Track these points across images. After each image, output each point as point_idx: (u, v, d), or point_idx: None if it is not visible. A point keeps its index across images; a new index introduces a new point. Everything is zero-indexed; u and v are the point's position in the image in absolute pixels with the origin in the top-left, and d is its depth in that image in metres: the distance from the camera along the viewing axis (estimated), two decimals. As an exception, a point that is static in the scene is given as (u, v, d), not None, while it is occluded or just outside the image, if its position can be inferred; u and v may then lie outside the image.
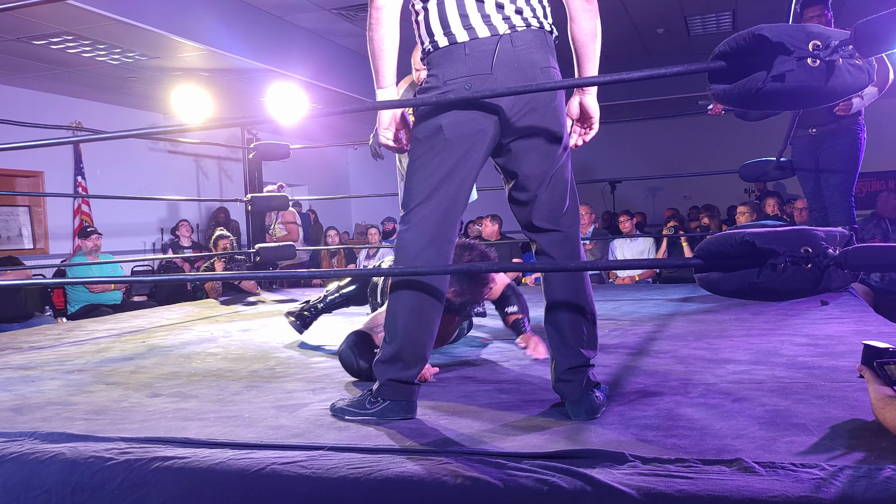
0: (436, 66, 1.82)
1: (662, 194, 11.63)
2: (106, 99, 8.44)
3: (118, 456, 1.53)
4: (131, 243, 8.85)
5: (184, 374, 2.58)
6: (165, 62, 7.00)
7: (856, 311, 3.28)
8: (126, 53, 6.67)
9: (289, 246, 5.42)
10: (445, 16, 1.80)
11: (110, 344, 3.42)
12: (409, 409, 1.82)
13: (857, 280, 4.23)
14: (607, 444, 1.51)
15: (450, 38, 1.79)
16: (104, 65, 7.00)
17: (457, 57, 1.78)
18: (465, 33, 1.78)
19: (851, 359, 2.24)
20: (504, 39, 1.77)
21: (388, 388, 1.81)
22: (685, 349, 2.62)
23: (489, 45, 1.77)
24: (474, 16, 1.78)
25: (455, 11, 1.79)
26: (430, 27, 1.82)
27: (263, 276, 5.77)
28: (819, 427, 1.57)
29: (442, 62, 1.81)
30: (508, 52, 1.77)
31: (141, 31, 5.93)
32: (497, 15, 1.78)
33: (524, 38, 1.79)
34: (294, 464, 1.43)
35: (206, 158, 10.04)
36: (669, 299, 4.22)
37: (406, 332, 1.80)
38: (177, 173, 9.50)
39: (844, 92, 1.46)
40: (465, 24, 1.78)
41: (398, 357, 1.81)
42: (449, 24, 1.79)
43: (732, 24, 7.97)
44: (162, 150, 9.22)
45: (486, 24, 1.78)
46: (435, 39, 1.81)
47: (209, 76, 7.47)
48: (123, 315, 4.77)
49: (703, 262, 1.53)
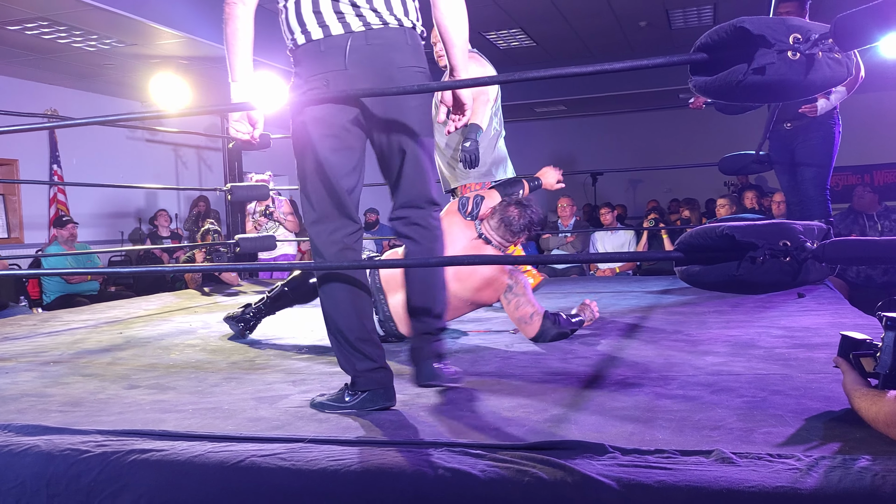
0: (298, 64, 1.88)
1: (643, 187, 11.69)
2: (82, 86, 8.31)
3: (94, 448, 1.51)
4: (108, 233, 8.75)
5: (162, 366, 2.56)
6: (143, 49, 6.90)
7: (831, 304, 3.33)
8: (103, 40, 6.57)
9: (269, 237, 5.39)
10: (301, 14, 1.84)
11: (87, 335, 3.38)
12: (388, 397, 1.83)
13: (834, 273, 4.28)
14: (587, 435, 1.51)
15: (306, 35, 1.84)
16: (80, 51, 6.88)
17: (314, 54, 1.83)
18: (319, 30, 1.82)
19: (827, 350, 2.27)
20: (357, 37, 1.81)
21: (361, 380, 1.82)
22: (665, 341, 2.64)
23: (342, 41, 1.81)
24: (328, 13, 1.82)
25: (310, 9, 1.83)
26: (289, 25, 1.87)
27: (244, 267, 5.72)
28: (795, 418, 1.58)
29: (302, 59, 1.86)
30: (362, 50, 1.81)
31: (118, 18, 5.83)
32: (351, 12, 1.82)
33: (381, 36, 1.83)
34: (274, 456, 1.42)
35: (185, 147, 9.93)
36: (649, 291, 4.25)
37: (350, 327, 1.83)
38: (155, 162, 9.39)
39: (824, 85, 1.47)
40: (319, 21, 1.82)
41: (357, 351, 1.82)
42: (305, 21, 1.83)
43: (714, 18, 8.01)
44: (140, 138, 9.10)
45: (339, 21, 1.81)
46: (294, 37, 1.86)
47: (188, 64, 7.37)
48: (100, 305, 4.71)
49: (684, 255, 1.54)
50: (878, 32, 1.39)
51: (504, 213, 2.80)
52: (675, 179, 11.25)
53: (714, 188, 10.13)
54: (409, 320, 1.97)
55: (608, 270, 6.56)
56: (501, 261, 2.70)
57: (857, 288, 4.85)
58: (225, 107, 1.91)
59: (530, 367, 2.30)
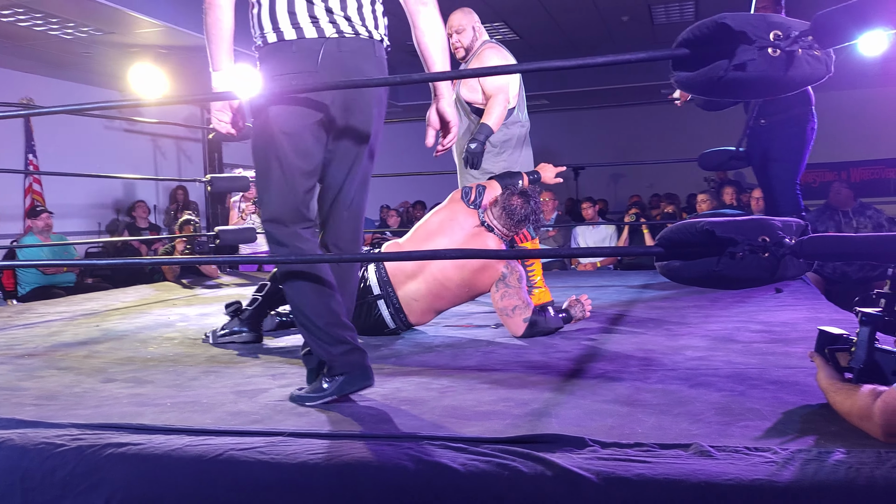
0: (265, 62, 1.88)
1: (624, 181, 11.75)
2: (59, 75, 8.19)
3: (70, 442, 1.50)
4: (85, 224, 8.64)
5: (139, 359, 2.53)
6: (121, 38, 6.81)
7: (808, 299, 3.36)
8: (80, 28, 6.47)
9: (249, 229, 5.35)
10: (275, 13, 1.83)
11: (62, 327, 3.34)
12: (366, 377, 1.83)
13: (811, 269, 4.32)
14: (567, 428, 1.52)
15: (278, 34, 1.84)
16: (57, 39, 6.78)
17: (285, 53, 1.84)
18: (293, 31, 1.83)
19: (804, 345, 2.29)
20: (330, 42, 1.83)
21: (337, 363, 1.82)
22: (645, 335, 2.66)
23: (315, 45, 1.82)
24: (302, 15, 1.83)
25: (284, 9, 1.83)
26: (260, 22, 1.86)
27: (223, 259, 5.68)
28: (772, 412, 1.60)
29: (270, 57, 1.86)
30: (334, 55, 1.83)
31: (96, 5, 5.75)
32: (325, 18, 1.83)
33: (351, 45, 1.85)
34: (253, 450, 1.42)
35: (164, 138, 9.82)
36: (630, 286, 4.27)
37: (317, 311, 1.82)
38: (133, 153, 9.27)
39: (804, 82, 1.49)
40: (293, 22, 1.82)
41: (327, 332, 1.82)
42: (278, 20, 1.83)
43: (695, 14, 8.05)
44: (118, 128, 8.99)
45: (313, 25, 1.83)
46: (264, 34, 1.86)
47: (167, 53, 7.29)
48: (77, 298, 4.66)
49: (664, 250, 1.55)
50: (857, 30, 1.40)
51: (507, 202, 2.82)
52: (656, 174, 11.32)
53: (695, 183, 10.20)
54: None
55: (589, 265, 6.59)
56: (486, 255, 2.71)
57: (834, 283, 4.91)
58: (205, 95, 1.90)
59: (511, 361, 2.30)
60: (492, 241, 2.83)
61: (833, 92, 9.52)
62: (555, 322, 2.73)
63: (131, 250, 7.73)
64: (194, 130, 9.16)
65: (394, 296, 2.76)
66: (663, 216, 7.68)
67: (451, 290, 2.75)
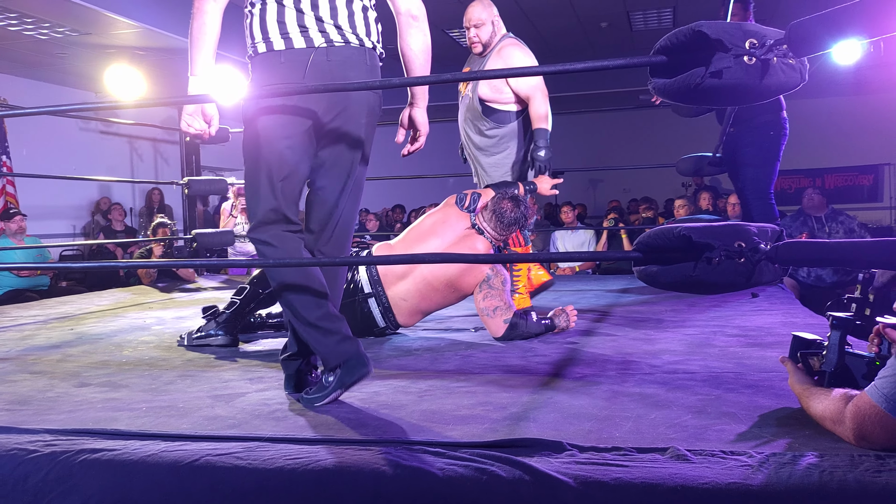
0: (254, 71, 1.89)
1: (603, 186, 11.83)
2: (33, 75, 8.08)
3: (43, 448, 1.47)
4: (60, 226, 8.52)
5: (114, 363, 2.50)
6: (98, 39, 6.74)
7: (784, 304, 3.41)
8: (56, 28, 6.40)
9: (227, 232, 5.31)
10: (265, 22, 1.85)
11: (36, 331, 3.29)
12: (362, 363, 1.84)
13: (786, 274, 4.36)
14: (546, 433, 1.52)
15: (268, 44, 1.85)
16: (32, 39, 6.69)
17: (273, 64, 1.85)
18: (281, 42, 1.84)
19: (779, 349, 2.32)
20: (318, 52, 1.84)
21: (332, 355, 1.83)
22: (623, 339, 2.67)
23: (303, 55, 1.84)
24: (292, 25, 1.84)
25: (274, 19, 1.85)
26: (251, 32, 1.88)
27: (200, 263, 5.63)
28: (748, 416, 1.62)
29: (260, 68, 1.88)
30: (322, 65, 1.84)
31: (72, 6, 5.69)
32: (315, 27, 1.85)
33: (341, 54, 1.87)
34: (229, 455, 1.40)
35: (141, 140, 9.73)
36: (608, 290, 4.30)
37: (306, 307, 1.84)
38: (109, 155, 9.17)
39: (778, 90, 1.51)
40: (282, 31, 1.84)
41: (317, 326, 1.83)
42: (268, 31, 1.85)
43: (673, 21, 8.13)
44: (94, 130, 8.89)
45: (302, 35, 1.84)
46: (255, 44, 1.87)
47: (145, 55, 7.22)
48: (51, 301, 4.59)
49: (642, 256, 1.56)
50: (831, 39, 1.42)
51: (497, 205, 2.87)
52: (634, 179, 11.42)
53: (672, 188, 10.31)
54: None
55: (568, 269, 6.62)
56: (472, 260, 2.73)
57: (808, 287, 4.97)
58: (182, 98, 1.88)
59: (490, 366, 2.30)
60: (481, 243, 2.87)
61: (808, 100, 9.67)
62: (535, 327, 2.74)
63: (106, 253, 7.63)
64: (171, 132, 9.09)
65: (383, 295, 2.79)
66: (642, 221, 7.74)
67: (439, 291, 2.77)
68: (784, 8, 7.67)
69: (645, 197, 9.23)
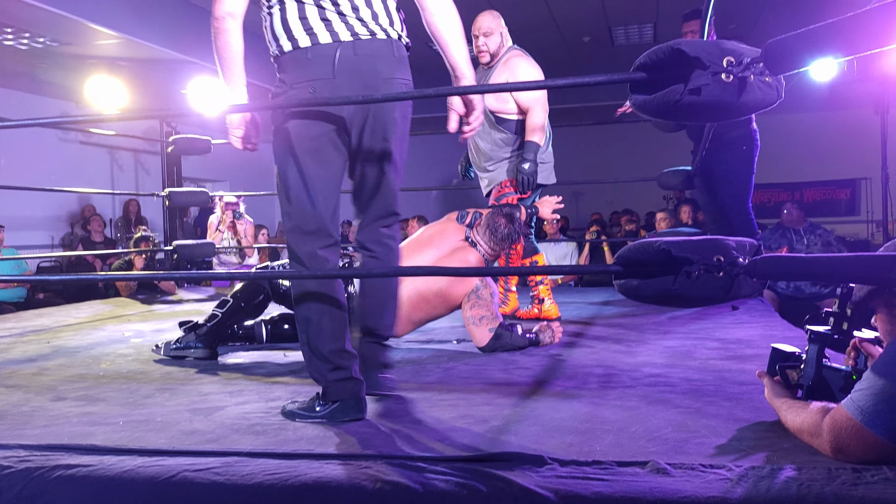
0: (282, 71, 1.88)
1: (585, 199, 11.89)
2: (12, 85, 8.00)
3: (17, 464, 1.45)
4: (38, 237, 8.42)
5: (91, 377, 2.47)
6: (79, 49, 6.69)
7: (763, 316, 3.44)
8: (36, 38, 6.35)
9: (208, 243, 5.27)
10: (287, 21, 1.84)
11: (11, 344, 3.24)
12: (359, 409, 1.82)
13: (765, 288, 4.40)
14: (527, 446, 1.52)
15: (293, 42, 1.84)
16: (11, 49, 6.63)
17: (301, 61, 1.83)
18: (307, 38, 1.82)
19: (759, 362, 2.33)
20: (345, 46, 1.82)
21: (332, 389, 1.81)
22: (604, 352, 2.68)
23: (330, 50, 1.82)
24: (315, 20, 1.82)
25: (296, 15, 1.83)
26: (274, 32, 1.86)
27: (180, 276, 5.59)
28: (727, 428, 1.63)
29: (287, 67, 1.86)
30: (350, 60, 1.82)
31: (53, 16, 5.64)
32: (338, 20, 1.83)
33: (368, 47, 1.84)
34: (208, 470, 1.39)
35: (122, 151, 9.65)
36: (590, 302, 4.31)
37: (322, 334, 1.82)
38: (89, 165, 9.09)
39: (756, 107, 1.53)
40: (305, 27, 1.82)
41: (327, 360, 1.81)
42: (291, 28, 1.83)
43: (654, 36, 8.23)
44: (73, 140, 8.80)
45: (327, 29, 1.82)
46: (280, 44, 1.86)
47: (126, 65, 7.18)
48: (27, 313, 4.53)
49: (622, 269, 1.57)
50: (807, 58, 1.45)
51: (492, 220, 2.92)
52: (616, 192, 11.48)
53: (653, 201, 10.37)
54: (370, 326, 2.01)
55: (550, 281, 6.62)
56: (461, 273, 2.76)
57: (788, 299, 5.02)
58: (164, 111, 1.88)
59: (472, 378, 2.30)
60: (473, 256, 2.91)
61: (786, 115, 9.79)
62: (520, 340, 2.75)
63: (85, 265, 7.55)
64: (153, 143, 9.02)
65: None
66: (625, 234, 7.78)
67: (429, 301, 2.79)
68: (762, 26, 7.79)
69: (627, 209, 9.29)
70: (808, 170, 10.95)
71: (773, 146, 4.17)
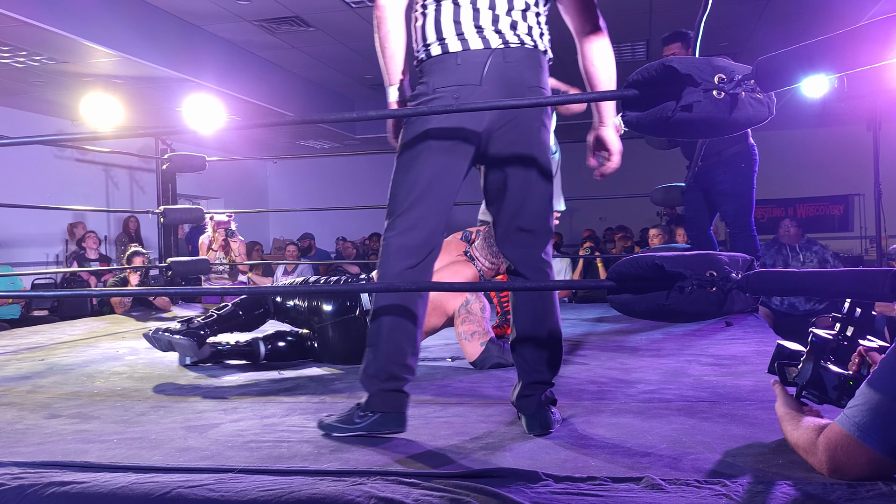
0: (427, 74, 1.85)
1: (579, 215, 11.93)
2: (8, 103, 8.03)
3: (10, 482, 1.44)
4: (33, 255, 8.41)
5: (85, 394, 2.46)
6: (75, 67, 6.72)
7: (757, 332, 3.44)
8: (32, 57, 6.38)
9: (202, 260, 5.27)
10: (440, 23, 1.82)
11: (5, 362, 3.23)
12: (400, 422, 1.80)
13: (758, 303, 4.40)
14: (521, 462, 1.52)
15: (443, 46, 1.82)
16: (8, 67, 6.66)
17: (448, 66, 1.81)
18: (458, 43, 1.81)
19: (753, 378, 2.35)
20: (496, 54, 1.81)
21: (376, 400, 1.79)
22: (598, 368, 2.68)
23: (480, 57, 1.80)
24: (468, 26, 1.81)
25: (450, 18, 1.82)
26: (425, 34, 1.85)
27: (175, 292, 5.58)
28: (722, 445, 1.63)
29: (433, 70, 1.83)
30: (499, 67, 1.80)
31: (49, 34, 5.68)
32: (491, 28, 1.81)
33: (516, 55, 1.83)
34: (202, 487, 1.38)
35: (117, 168, 9.67)
36: (584, 319, 4.31)
37: (389, 342, 1.80)
38: (85, 182, 9.10)
39: (747, 123, 1.54)
40: (457, 31, 1.81)
41: (384, 368, 1.80)
42: (443, 31, 1.82)
43: (646, 54, 8.30)
44: (69, 157, 8.82)
45: (479, 35, 1.81)
46: (429, 47, 1.84)
47: (122, 83, 7.21)
48: (21, 331, 4.51)
49: (616, 284, 1.58)
50: (798, 75, 1.47)
51: (488, 233, 2.97)
52: (609, 208, 11.53)
53: (647, 218, 10.42)
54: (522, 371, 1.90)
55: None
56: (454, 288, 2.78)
57: (782, 315, 5.03)
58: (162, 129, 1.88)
59: (466, 395, 2.30)
60: (469, 270, 2.97)
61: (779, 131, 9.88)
62: (509, 356, 2.75)
63: (80, 282, 7.53)
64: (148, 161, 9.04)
65: None
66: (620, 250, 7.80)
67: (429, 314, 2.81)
68: (753, 42, 7.87)
69: (620, 226, 9.32)
70: (801, 186, 11.03)
71: (766, 162, 4.18)
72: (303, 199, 12.35)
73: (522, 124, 1.84)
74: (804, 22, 7.14)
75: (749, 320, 3.81)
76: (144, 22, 6.44)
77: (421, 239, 1.83)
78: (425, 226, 1.83)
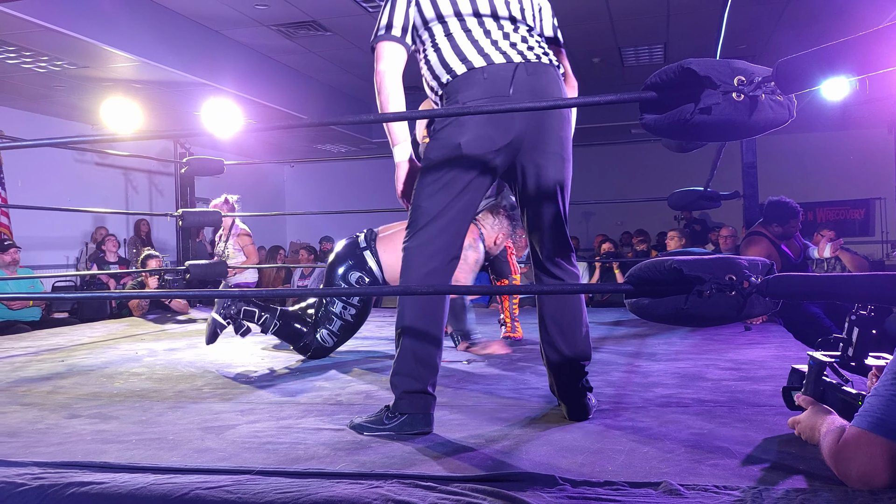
0: (455, 92, 1.90)
1: (595, 219, 11.90)
2: (30, 108, 8.13)
3: (31, 482, 1.45)
4: (53, 257, 8.50)
5: (105, 395, 2.48)
6: (95, 72, 6.80)
7: (777, 337, 3.41)
8: (54, 62, 6.46)
9: (220, 263, 5.30)
10: (459, 48, 1.90)
11: (26, 363, 3.26)
12: (427, 422, 1.84)
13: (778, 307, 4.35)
14: (538, 466, 1.51)
15: (467, 64, 1.88)
16: (30, 72, 6.75)
17: (475, 81, 1.87)
18: (481, 60, 1.88)
19: (772, 383, 2.32)
20: (520, 67, 1.87)
21: (404, 402, 1.84)
22: (616, 372, 2.67)
23: (506, 70, 1.87)
24: (486, 44, 1.89)
25: (468, 43, 1.90)
26: (444, 61, 1.91)
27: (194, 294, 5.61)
28: (741, 450, 1.61)
29: (461, 87, 1.89)
30: (525, 79, 1.87)
31: (70, 40, 5.75)
32: (507, 44, 1.90)
33: (538, 69, 1.90)
34: (219, 488, 1.39)
35: (136, 172, 9.76)
36: (601, 323, 4.29)
37: (414, 345, 1.85)
38: (104, 186, 9.20)
39: (767, 126, 1.53)
40: (479, 50, 1.89)
41: (410, 370, 1.84)
42: (464, 53, 1.89)
43: (664, 57, 8.25)
44: (89, 161, 8.92)
45: (498, 51, 1.88)
46: (452, 69, 1.90)
47: (141, 88, 7.28)
48: (42, 332, 4.56)
49: (633, 288, 1.57)
50: (819, 77, 1.45)
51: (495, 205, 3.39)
52: (627, 212, 11.48)
53: (665, 221, 10.36)
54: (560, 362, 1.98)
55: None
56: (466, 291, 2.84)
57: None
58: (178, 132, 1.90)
59: (482, 398, 2.29)
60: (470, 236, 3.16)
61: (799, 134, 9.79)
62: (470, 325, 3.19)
63: (100, 285, 7.60)
64: (167, 164, 9.12)
65: None
66: (636, 254, 7.76)
67: None
68: (773, 44, 7.81)
69: (639, 230, 9.28)
70: (821, 190, 10.90)
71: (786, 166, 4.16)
72: (320, 202, 12.40)
73: (551, 132, 1.91)
74: (824, 24, 7.08)
75: (768, 324, 3.78)
76: (164, 27, 6.50)
77: (442, 244, 1.88)
78: (447, 235, 1.89)
